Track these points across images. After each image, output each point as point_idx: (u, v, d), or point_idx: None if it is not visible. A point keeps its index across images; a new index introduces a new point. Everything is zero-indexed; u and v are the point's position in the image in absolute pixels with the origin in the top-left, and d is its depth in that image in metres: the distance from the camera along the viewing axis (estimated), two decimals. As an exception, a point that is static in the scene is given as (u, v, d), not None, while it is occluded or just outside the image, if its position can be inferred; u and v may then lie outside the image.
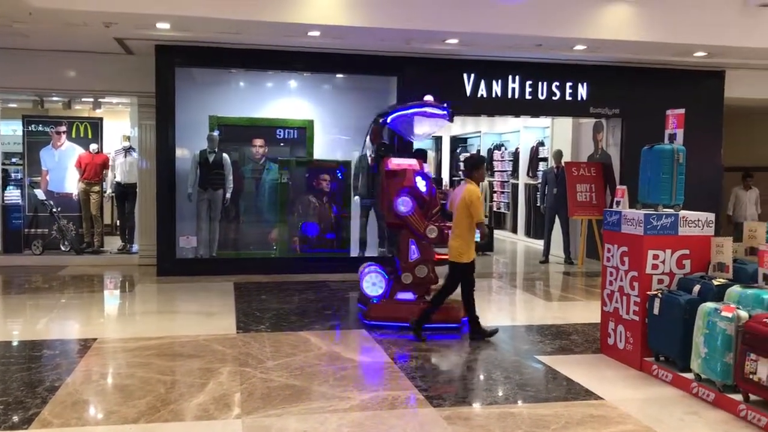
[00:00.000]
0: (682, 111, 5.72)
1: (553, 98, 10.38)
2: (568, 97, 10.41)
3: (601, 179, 11.14)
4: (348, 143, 11.09)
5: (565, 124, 12.41)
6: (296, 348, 6.01)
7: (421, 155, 7.09)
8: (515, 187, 15.34)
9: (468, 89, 10.22)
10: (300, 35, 8.60)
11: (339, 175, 10.50)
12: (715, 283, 5.12)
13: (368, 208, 10.76)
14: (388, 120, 7.04)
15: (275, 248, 10.64)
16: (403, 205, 6.72)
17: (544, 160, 13.81)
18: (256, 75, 10.86)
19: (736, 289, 4.90)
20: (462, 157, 18.04)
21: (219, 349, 5.95)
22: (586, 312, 7.59)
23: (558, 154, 11.82)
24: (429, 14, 8.18)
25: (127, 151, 11.39)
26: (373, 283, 7.13)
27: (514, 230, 15.38)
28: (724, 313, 4.63)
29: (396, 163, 6.85)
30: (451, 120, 7.11)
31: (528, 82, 10.35)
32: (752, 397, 4.42)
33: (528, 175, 14.64)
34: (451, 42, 9.03)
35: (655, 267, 5.47)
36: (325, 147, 10.98)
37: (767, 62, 10.07)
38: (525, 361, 5.80)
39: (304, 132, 10.88)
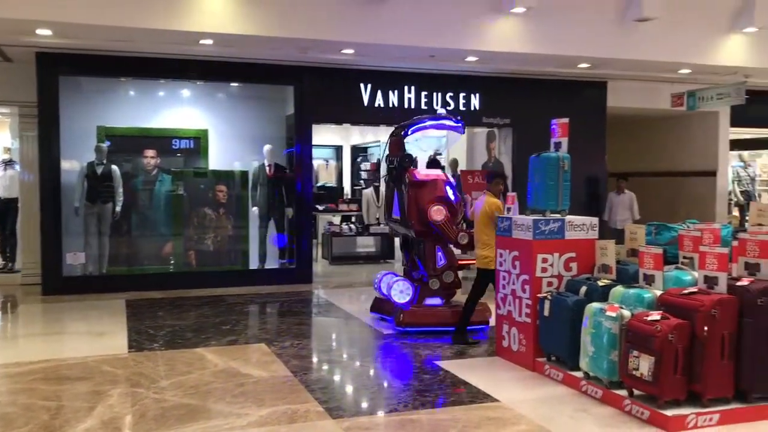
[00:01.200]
0: (566, 120, 5.97)
1: (448, 108, 10.61)
2: (461, 108, 10.67)
3: (495, 186, 11.46)
4: (245, 153, 10.91)
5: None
6: (192, 366, 5.82)
7: (437, 165, 7.09)
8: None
9: (365, 99, 10.28)
10: (192, 43, 8.40)
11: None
12: (600, 284, 5.36)
13: (267, 219, 10.63)
14: (409, 133, 7.24)
15: (172, 262, 10.30)
16: (438, 213, 6.79)
17: (442, 168, 14.07)
18: (147, 84, 10.50)
19: (619, 289, 5.15)
20: (363, 166, 18.18)
21: (109, 370, 5.68)
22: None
23: (454, 163, 12.09)
24: (324, 24, 8.18)
25: (8, 164, 10.73)
26: (401, 291, 7.17)
27: (415, 238, 15.57)
28: (608, 313, 4.85)
29: (424, 173, 7.02)
30: (463, 131, 7.33)
31: (423, 93, 10.53)
32: (636, 391, 4.65)
33: (426, 183, 14.86)
34: (347, 52, 9.07)
35: (544, 270, 5.67)
36: (221, 157, 10.75)
37: (644, 73, 10.70)
38: (425, 367, 5.87)
39: (198, 142, 10.60)
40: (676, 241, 5.58)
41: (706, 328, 4.41)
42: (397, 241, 13.77)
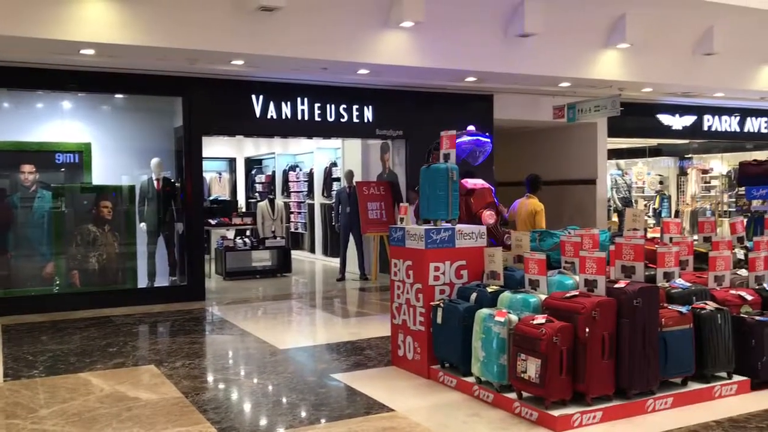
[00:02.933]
0: (453, 132, 6.13)
1: (342, 120, 10.66)
2: (355, 120, 10.75)
3: (390, 197, 11.61)
4: (132, 166, 10.50)
5: (355, 145, 12.80)
6: (75, 392, 5.51)
7: (472, 175, 7.62)
8: (311, 207, 15.52)
9: (258, 111, 10.16)
10: (71, 53, 8.01)
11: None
12: (489, 290, 5.52)
13: (156, 235, 10.27)
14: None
15: (57, 283, 9.72)
16: (491, 218, 7.16)
17: (338, 180, 14.12)
18: (23, 95, 9.91)
19: (506, 295, 5.32)
20: (257, 178, 17.96)
21: (-19, 402, 5.28)
22: (380, 326, 7.82)
23: (349, 174, 12.15)
24: (212, 34, 8.01)
25: None
26: None
27: (312, 250, 15.53)
28: (497, 318, 5.00)
29: (473, 182, 7.47)
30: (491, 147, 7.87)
31: (317, 105, 10.53)
32: (525, 394, 4.80)
33: (323, 195, 14.88)
34: (237, 63, 8.93)
35: (437, 278, 5.78)
36: (106, 171, 10.28)
37: (528, 87, 11.17)
38: (321, 381, 5.83)
39: (81, 156, 10.10)
40: (559, 246, 5.84)
41: (587, 330, 4.62)
42: (295, 254, 13.68)
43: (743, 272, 6.05)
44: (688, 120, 13.46)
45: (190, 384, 5.73)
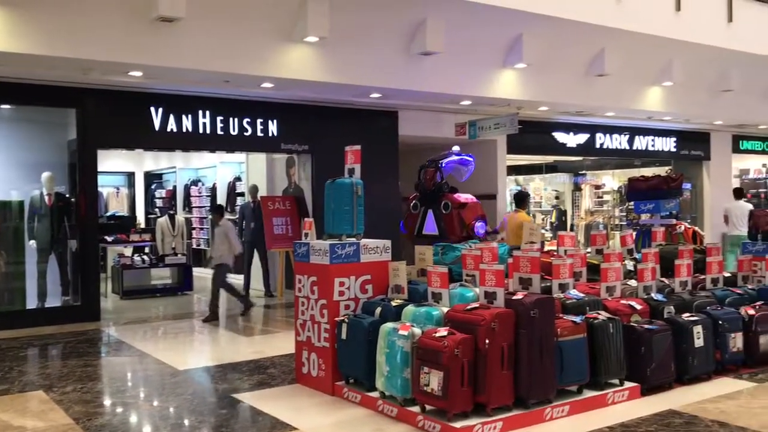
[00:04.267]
0: (358, 147, 6.15)
1: (245, 134, 10.49)
2: (259, 133, 10.60)
3: (295, 212, 11.51)
4: (22, 181, 9.92)
5: (260, 159, 12.63)
6: (-49, 423, 5.11)
7: (456, 191, 8.17)
8: (214, 223, 15.13)
9: (157, 124, 9.84)
10: (-48, 60, 7.52)
11: None
12: (394, 304, 5.55)
13: (47, 253, 9.74)
14: (444, 165, 8.30)
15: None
16: (482, 228, 7.91)
17: (242, 194, 13.88)
18: None
19: (410, 308, 5.37)
20: (157, 193, 17.40)
21: None
22: (285, 343, 7.68)
23: (254, 189, 11.96)
24: (107, 44, 7.72)
25: None
26: None
27: (215, 267, 15.12)
28: (401, 332, 5.02)
29: (464, 197, 8.10)
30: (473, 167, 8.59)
31: (219, 118, 10.31)
32: (428, 407, 4.84)
33: (226, 210, 14.55)
34: (135, 74, 8.64)
35: (341, 294, 5.75)
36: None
37: (431, 104, 11.39)
38: (223, 401, 5.67)
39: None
40: (460, 260, 5.96)
41: (487, 341, 4.72)
42: (196, 271, 13.29)
43: (633, 283, 6.36)
44: (582, 138, 14.10)
45: (81, 409, 5.44)
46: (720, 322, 6.02)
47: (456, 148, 8.60)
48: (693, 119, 14.30)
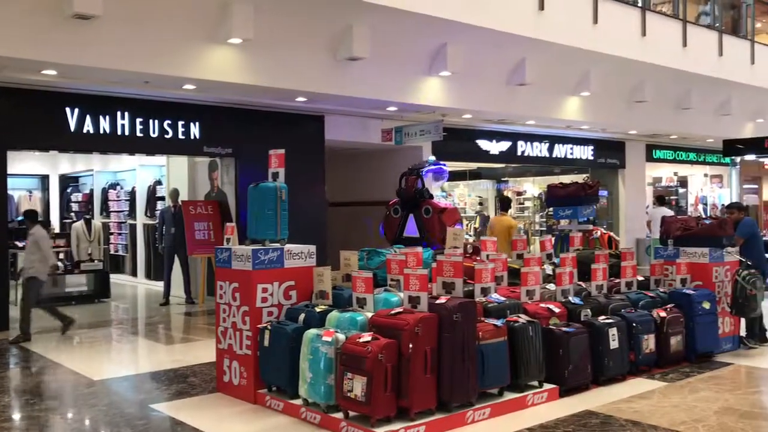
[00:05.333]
0: (282, 151, 6.08)
1: (166, 136, 10.20)
2: (181, 136, 10.33)
3: (218, 217, 11.28)
4: None
5: (182, 162, 12.33)
6: None
7: (431, 197, 8.49)
8: (133, 227, 14.70)
9: (72, 124, 9.44)
10: None
11: None
12: (318, 310, 5.50)
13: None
14: (424, 172, 8.76)
15: None
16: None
17: (162, 199, 13.51)
18: None
19: (334, 314, 5.34)
20: (73, 197, 16.75)
21: None
22: (206, 351, 7.51)
23: (175, 193, 11.66)
24: (19, 41, 7.35)
25: None
26: None
27: (134, 273, 14.68)
28: (324, 338, 4.98)
29: (445, 202, 8.63)
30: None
31: (139, 120, 9.99)
32: (351, 413, 4.82)
33: (146, 215, 14.16)
34: (49, 73, 8.28)
35: (264, 300, 5.66)
36: None
37: (357, 109, 11.40)
38: (140, 412, 5.48)
39: None
40: (385, 264, 5.97)
41: (411, 346, 4.74)
42: (114, 277, 12.85)
43: (551, 286, 6.53)
44: (504, 145, 14.40)
45: (-14, 425, 5.15)
46: (634, 325, 6.25)
47: (432, 158, 9.29)
48: (609, 129, 14.86)
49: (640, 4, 12.37)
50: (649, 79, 13.05)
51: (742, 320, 7.58)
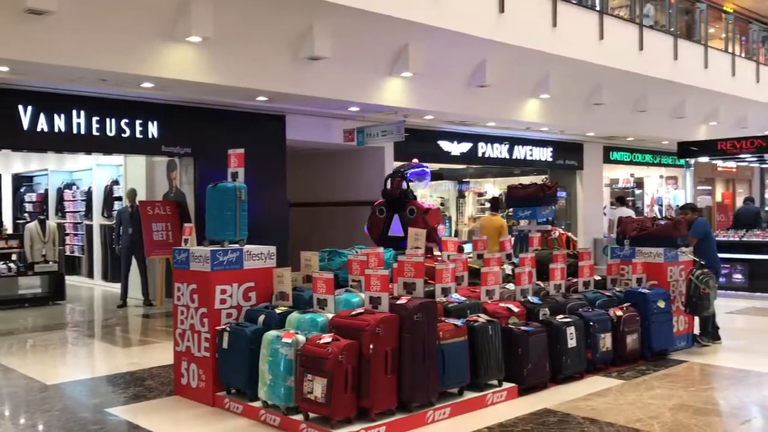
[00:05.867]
0: (241, 151, 6.01)
1: (123, 135, 10.01)
2: (138, 135, 10.15)
3: (177, 218, 11.11)
4: None
5: (139, 162, 12.11)
6: None
7: (416, 198, 9.01)
8: (89, 228, 14.40)
9: (25, 123, 9.20)
10: None
11: None
12: (278, 311, 5.46)
13: None
14: (409, 175, 9.08)
15: None
16: (443, 230, 8.73)
17: (119, 199, 13.26)
18: None
19: (295, 315, 5.30)
20: (27, 197, 16.34)
21: None
22: (163, 354, 7.39)
23: (132, 193, 11.46)
24: (-32, 36, 7.15)
25: None
26: None
27: (90, 275, 14.39)
28: (284, 339, 4.95)
29: (427, 204, 9.03)
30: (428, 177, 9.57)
31: (95, 118, 9.78)
32: (311, 415, 4.79)
33: (103, 215, 13.90)
34: (1, 70, 8.06)
35: (223, 302, 5.60)
36: None
37: (319, 109, 11.35)
38: (96, 417, 5.36)
39: None
40: (347, 265, 5.95)
41: (371, 346, 4.73)
42: (70, 279, 12.56)
43: (511, 286, 6.59)
44: (465, 147, 14.50)
45: (-68, 432, 4.98)
46: (591, 323, 6.34)
47: (415, 161, 9.59)
48: (567, 130, 15.07)
49: (598, 8, 12.59)
50: (606, 82, 13.28)
51: (696, 319, 7.76)
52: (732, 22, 17.26)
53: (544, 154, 16.02)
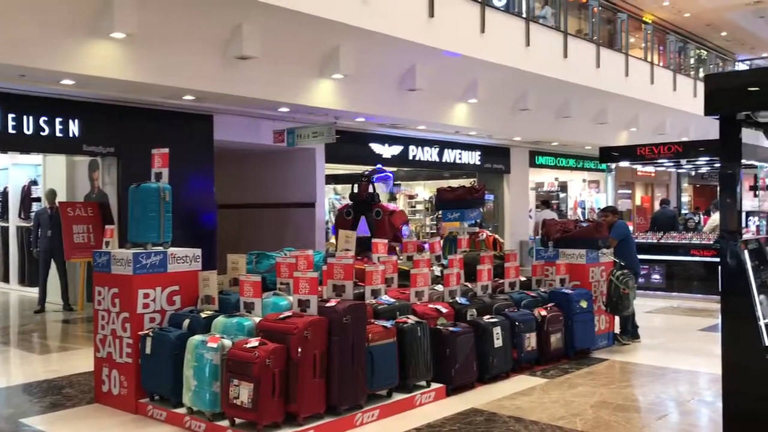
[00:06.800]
0: (166, 150, 5.85)
1: (42, 134, 9.60)
2: (58, 134, 9.75)
3: (98, 219, 10.72)
4: None
5: (59, 161, 11.65)
6: None
7: (379, 199, 9.50)
8: (5, 230, 13.74)
9: (-66, 119, 8.73)
10: None
11: None
12: (203, 315, 5.34)
13: None
14: (375, 179, 9.66)
15: None
16: (408, 231, 9.23)
17: (38, 200, 12.72)
18: None
19: (221, 320, 5.20)
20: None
21: None
22: (84, 361, 7.10)
23: (51, 194, 11.00)
24: None
25: None
26: None
27: (6, 279, 13.73)
28: (209, 344, 4.84)
29: (392, 206, 9.62)
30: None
31: (11, 115, 9.34)
32: (238, 420, 4.71)
33: (20, 216, 13.28)
34: None
35: (146, 306, 5.44)
36: None
37: (248, 109, 11.19)
38: (9, 427, 5.11)
39: None
40: (275, 268, 5.88)
41: (300, 350, 4.69)
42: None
43: (439, 287, 6.65)
44: (396, 149, 14.59)
45: None
46: (517, 323, 6.48)
47: (380, 166, 10.23)
48: (495, 135, 15.37)
49: (524, 16, 12.88)
50: (532, 88, 13.61)
51: (617, 318, 8.03)
52: (651, 33, 18.00)
53: (473, 157, 16.29)
